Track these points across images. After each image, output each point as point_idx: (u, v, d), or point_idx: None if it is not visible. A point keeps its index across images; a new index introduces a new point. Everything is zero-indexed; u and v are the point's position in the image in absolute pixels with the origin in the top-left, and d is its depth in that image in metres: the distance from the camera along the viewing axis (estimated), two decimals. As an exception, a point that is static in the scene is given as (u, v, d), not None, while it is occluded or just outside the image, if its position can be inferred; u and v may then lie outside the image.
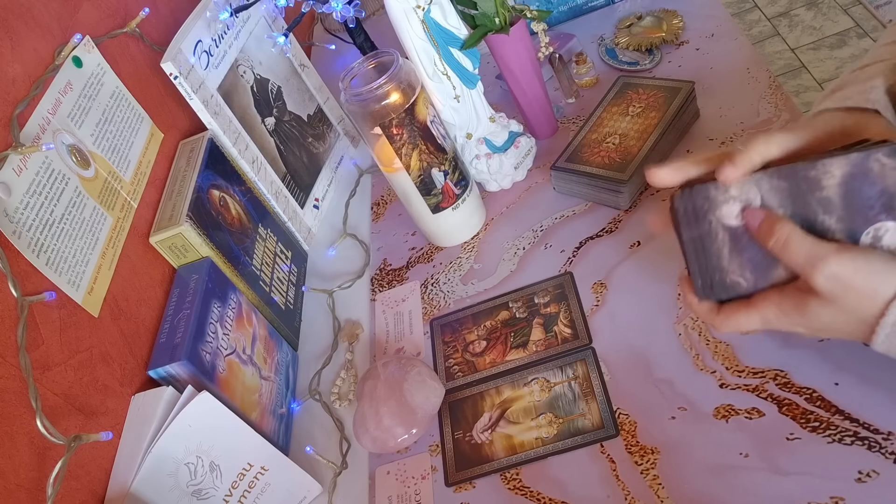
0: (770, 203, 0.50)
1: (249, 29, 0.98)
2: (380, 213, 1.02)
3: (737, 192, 0.50)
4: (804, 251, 0.47)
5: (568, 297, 0.78)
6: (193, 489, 0.65)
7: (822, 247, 0.47)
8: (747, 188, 0.50)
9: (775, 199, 0.49)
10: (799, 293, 0.49)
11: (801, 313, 0.49)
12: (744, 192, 0.50)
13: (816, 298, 0.48)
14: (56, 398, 0.61)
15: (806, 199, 0.49)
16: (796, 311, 0.49)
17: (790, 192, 0.49)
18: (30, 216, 0.64)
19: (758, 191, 0.50)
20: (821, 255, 0.47)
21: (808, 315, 0.49)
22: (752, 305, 0.52)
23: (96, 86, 0.78)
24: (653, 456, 0.62)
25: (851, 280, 0.46)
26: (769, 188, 0.49)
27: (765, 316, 0.51)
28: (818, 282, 0.47)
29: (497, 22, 0.86)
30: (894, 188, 0.47)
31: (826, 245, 0.47)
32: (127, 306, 0.73)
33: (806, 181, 0.48)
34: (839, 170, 0.48)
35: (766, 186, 0.49)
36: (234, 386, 0.72)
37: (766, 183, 0.49)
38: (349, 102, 0.79)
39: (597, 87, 1.01)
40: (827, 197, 0.48)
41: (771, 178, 0.49)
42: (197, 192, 0.81)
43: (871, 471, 0.54)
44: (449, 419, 0.74)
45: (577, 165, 0.85)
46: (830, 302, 0.47)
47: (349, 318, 0.90)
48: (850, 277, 0.46)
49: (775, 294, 0.50)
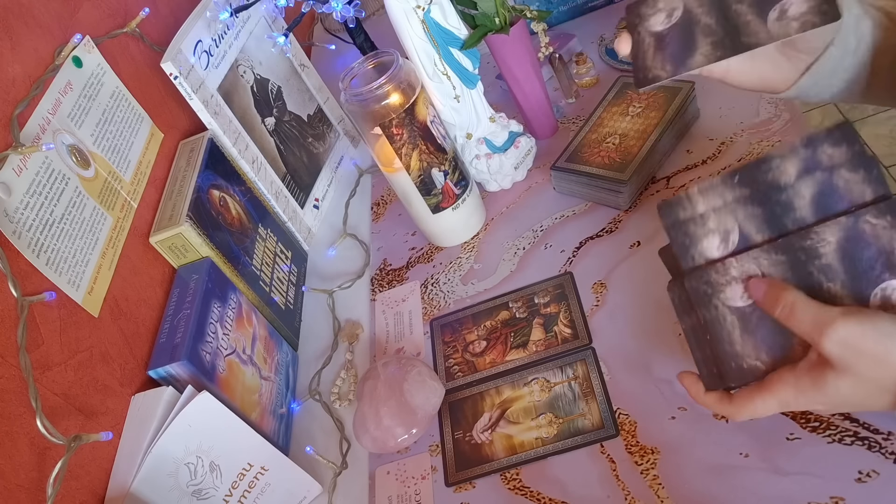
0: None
1: (249, 29, 0.98)
2: (380, 213, 1.02)
3: (737, 272, 0.49)
4: (810, 317, 0.46)
5: (568, 297, 0.78)
6: (193, 489, 0.65)
7: (827, 311, 0.45)
8: (747, 267, 0.49)
9: (777, 273, 0.49)
10: (813, 369, 0.47)
11: (818, 390, 0.47)
12: (744, 272, 0.49)
13: (832, 371, 0.45)
14: (56, 398, 0.61)
15: (807, 269, 0.48)
16: (814, 388, 0.47)
17: (790, 264, 0.49)
18: (30, 216, 0.64)
19: (758, 268, 0.49)
20: (827, 319, 0.45)
21: (826, 390, 0.46)
22: (767, 390, 0.49)
23: (96, 86, 0.78)
24: (653, 456, 0.62)
25: (861, 344, 0.44)
26: (769, 264, 0.49)
27: (782, 399, 0.49)
28: (827, 348, 0.45)
29: (497, 22, 0.86)
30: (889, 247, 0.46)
31: (831, 309, 0.45)
32: (127, 306, 0.73)
33: (803, 251, 0.48)
34: (833, 236, 0.47)
35: (765, 263, 0.49)
36: (234, 386, 0.72)
37: (765, 259, 0.49)
38: (349, 102, 0.79)
39: (597, 87, 1.01)
40: (827, 264, 0.48)
41: (768, 253, 0.49)
42: (197, 192, 0.81)
43: (871, 471, 0.54)
44: (449, 419, 0.74)
45: (577, 165, 0.85)
46: (845, 371, 0.45)
47: (349, 318, 0.90)
48: (859, 341, 0.44)
49: (789, 374, 0.48)
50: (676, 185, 0.82)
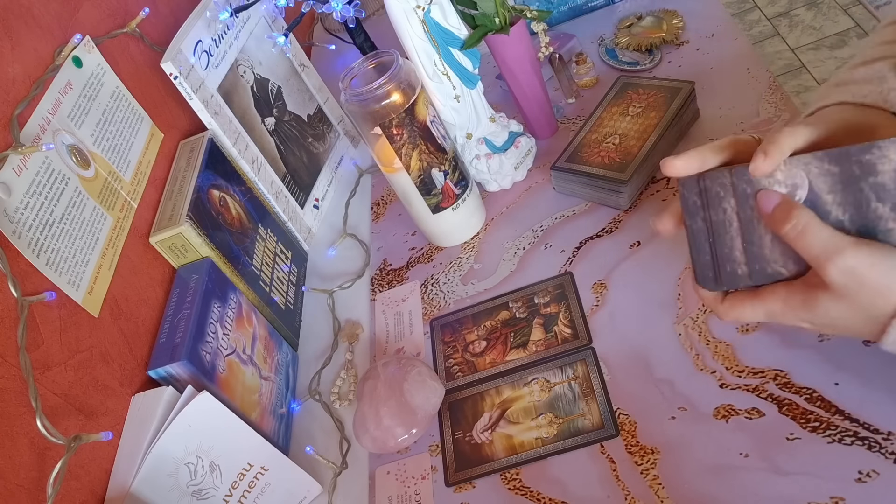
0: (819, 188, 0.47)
1: (249, 29, 0.98)
2: (380, 213, 1.02)
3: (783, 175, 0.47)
4: (820, 241, 0.45)
5: (568, 297, 0.78)
6: (193, 489, 0.65)
7: (839, 238, 0.45)
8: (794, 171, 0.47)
9: (825, 184, 0.46)
10: (808, 288, 0.47)
11: (808, 308, 0.48)
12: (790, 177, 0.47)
13: (826, 293, 0.46)
14: (56, 398, 0.61)
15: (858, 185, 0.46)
16: (804, 305, 0.48)
17: (841, 176, 0.46)
18: (30, 216, 0.64)
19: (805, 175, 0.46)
20: (838, 246, 0.45)
21: (816, 310, 0.47)
22: (758, 297, 0.50)
23: (96, 86, 0.78)
24: (653, 456, 0.62)
25: (867, 275, 0.44)
26: (818, 172, 0.46)
27: (770, 309, 0.50)
28: (831, 274, 0.45)
29: (497, 22, 0.86)
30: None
31: (844, 237, 0.45)
32: (127, 306, 0.73)
33: (859, 165, 0.45)
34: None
35: (814, 171, 0.46)
36: (234, 386, 0.72)
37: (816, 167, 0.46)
38: (349, 102, 0.79)
39: (597, 87, 1.01)
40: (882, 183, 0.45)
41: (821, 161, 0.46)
42: (197, 192, 0.81)
43: (871, 471, 0.54)
44: (449, 419, 0.74)
45: (577, 165, 0.85)
46: (842, 297, 0.45)
47: (349, 318, 0.90)
48: (866, 272, 0.44)
49: (782, 288, 0.49)
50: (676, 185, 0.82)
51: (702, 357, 0.66)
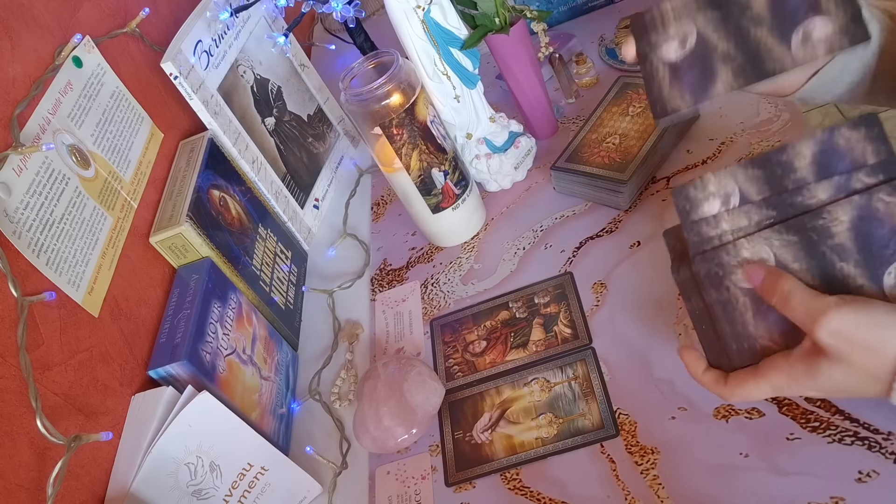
0: (784, 259, 0.49)
1: (249, 29, 0.98)
2: (380, 213, 1.02)
3: (749, 253, 0.49)
4: (804, 306, 0.46)
5: (568, 297, 0.78)
6: (193, 489, 0.65)
7: (821, 301, 0.45)
8: (759, 248, 0.49)
9: (789, 254, 0.48)
10: (807, 357, 0.47)
11: (811, 377, 0.47)
12: (756, 253, 0.49)
13: (825, 359, 0.46)
14: (56, 398, 0.61)
15: (819, 250, 0.48)
16: (807, 375, 0.47)
17: (802, 245, 0.48)
18: (30, 216, 0.64)
19: (769, 249, 0.48)
20: (821, 309, 0.45)
21: (819, 378, 0.47)
22: (761, 375, 0.50)
23: (96, 86, 0.78)
24: (653, 456, 0.62)
25: (854, 334, 0.44)
26: (780, 244, 0.48)
27: (775, 384, 0.49)
28: (821, 338, 0.45)
29: (497, 22, 0.86)
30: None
31: (826, 299, 0.45)
32: (127, 306, 0.73)
33: (815, 231, 0.47)
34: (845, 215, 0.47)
35: (776, 243, 0.48)
36: (234, 386, 0.72)
37: (777, 240, 0.48)
38: (349, 102, 0.79)
39: (597, 87, 1.01)
40: (840, 244, 0.47)
41: (780, 234, 0.48)
42: (197, 192, 0.81)
43: (871, 471, 0.54)
44: (449, 419, 0.74)
45: (577, 165, 0.85)
46: (838, 360, 0.45)
47: (349, 318, 0.90)
48: (853, 332, 0.44)
49: (783, 360, 0.49)
50: (676, 184, 0.82)
51: (702, 357, 0.66)
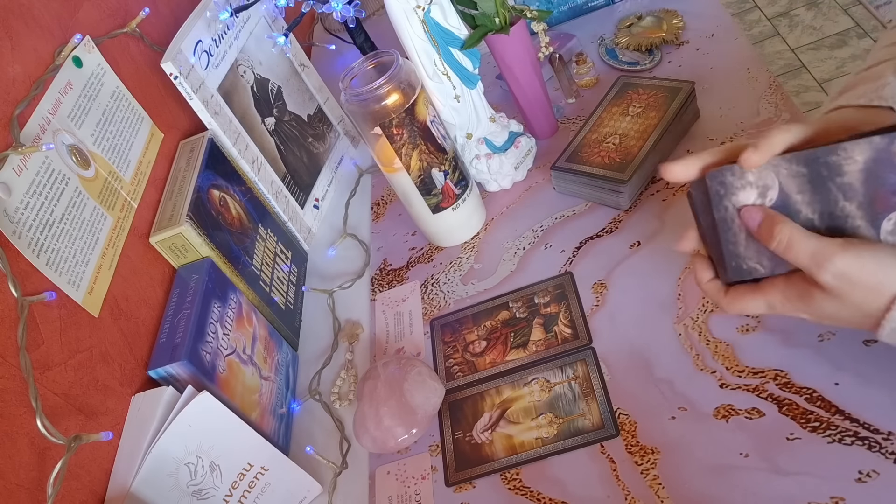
0: (788, 189, 0.49)
1: (249, 29, 0.98)
2: (380, 213, 1.02)
3: (754, 177, 0.49)
4: (808, 251, 0.47)
5: (568, 297, 0.78)
6: (193, 489, 0.65)
7: (826, 244, 0.47)
8: (765, 174, 0.49)
9: (794, 185, 0.48)
10: (805, 283, 0.49)
11: (804, 302, 0.49)
12: (761, 178, 0.49)
13: (821, 291, 0.47)
14: (56, 398, 0.61)
15: (826, 185, 0.47)
16: (800, 300, 0.49)
17: (809, 177, 0.48)
18: (30, 216, 0.64)
19: (775, 176, 0.48)
20: (826, 253, 0.46)
21: (812, 305, 0.49)
22: (759, 290, 0.52)
23: (96, 86, 0.78)
24: (653, 456, 0.62)
25: (858, 276, 0.46)
26: (787, 174, 0.48)
27: (770, 302, 0.51)
28: (825, 279, 0.46)
29: (497, 22, 0.86)
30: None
31: (830, 242, 0.47)
32: (127, 306, 0.73)
33: (826, 166, 0.47)
34: (861, 155, 0.46)
35: (784, 172, 0.48)
36: (234, 386, 0.72)
37: (785, 168, 0.48)
38: (349, 102, 0.79)
39: (597, 87, 1.01)
40: (848, 182, 0.47)
41: (790, 163, 0.48)
42: (197, 192, 0.81)
43: (871, 471, 0.54)
44: (449, 419, 0.74)
45: (578, 165, 0.85)
46: (836, 297, 0.47)
47: (349, 318, 0.90)
48: (857, 274, 0.46)
49: (782, 282, 0.50)
50: (676, 185, 0.82)
51: (702, 357, 0.66)
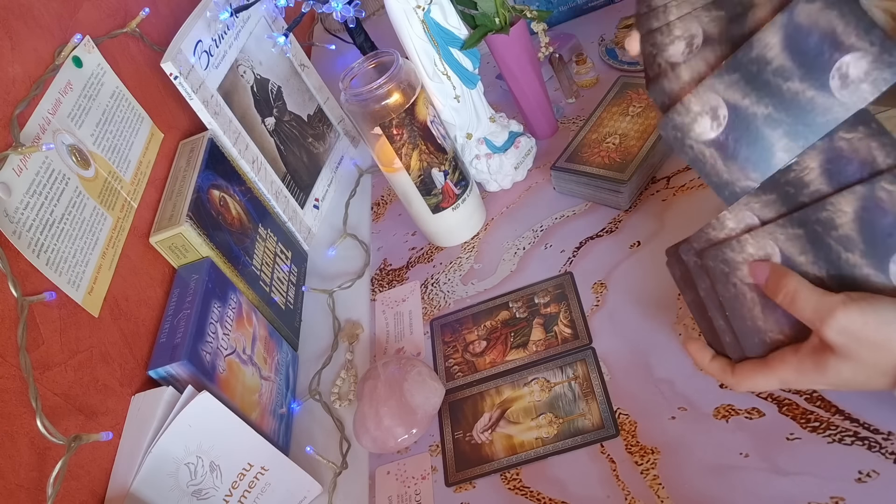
0: (790, 252, 0.49)
1: (249, 29, 0.98)
2: (380, 213, 1.02)
3: (754, 249, 0.49)
4: (811, 305, 0.46)
5: (568, 297, 0.78)
6: (193, 489, 0.65)
7: (828, 300, 0.46)
8: (763, 242, 0.49)
9: (795, 247, 0.48)
10: (816, 352, 0.48)
11: (820, 372, 0.48)
12: (762, 248, 0.49)
13: (833, 356, 0.46)
14: (56, 398, 0.61)
15: (825, 241, 0.47)
16: (815, 370, 0.48)
17: (807, 237, 0.48)
18: (30, 216, 0.64)
19: (774, 243, 0.48)
20: (828, 308, 0.45)
21: (828, 373, 0.47)
22: (769, 367, 0.50)
23: (96, 86, 0.78)
24: (653, 456, 0.62)
25: (862, 332, 0.44)
26: (785, 238, 0.48)
27: (783, 377, 0.50)
28: (829, 336, 0.45)
29: (497, 22, 0.86)
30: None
31: (832, 298, 0.46)
32: (127, 306, 0.73)
33: (819, 223, 0.47)
34: (849, 206, 0.46)
35: (781, 238, 0.48)
36: (234, 386, 0.72)
37: (781, 234, 0.48)
38: (349, 102, 0.79)
39: (597, 87, 1.01)
40: (845, 234, 0.47)
41: (784, 227, 0.48)
42: (197, 192, 0.81)
43: (871, 471, 0.54)
44: (449, 419, 0.74)
45: (578, 165, 0.85)
46: (847, 357, 0.45)
47: (349, 318, 0.90)
48: (860, 330, 0.44)
49: (791, 355, 0.49)
50: (676, 185, 0.82)
51: (702, 357, 0.66)
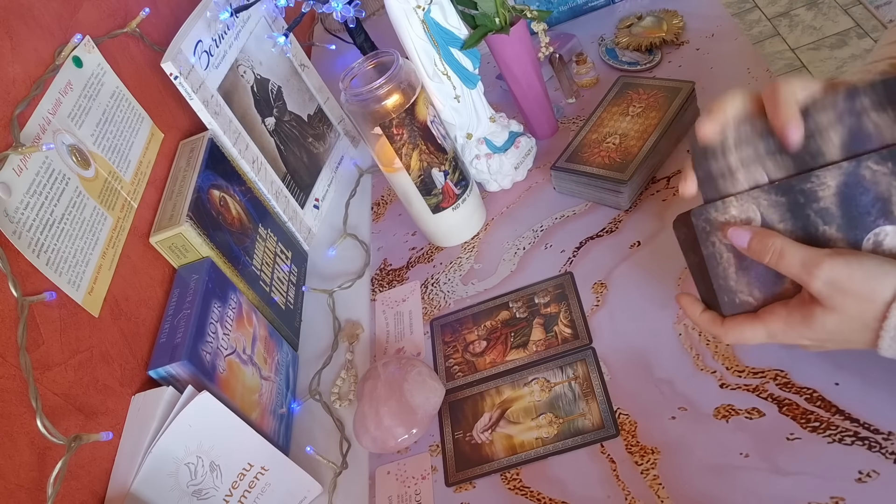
0: (770, 219, 0.50)
1: (249, 29, 0.98)
2: (380, 213, 1.02)
3: (736, 210, 0.50)
4: (798, 259, 0.48)
5: (568, 297, 0.78)
6: (194, 489, 0.65)
7: (815, 253, 0.47)
8: (746, 206, 0.50)
9: (775, 214, 0.50)
10: (803, 305, 0.49)
11: (806, 325, 0.49)
12: (744, 211, 0.50)
13: (820, 308, 0.48)
14: (56, 398, 0.61)
15: (805, 212, 0.49)
16: (802, 323, 0.49)
17: (788, 206, 0.49)
18: (30, 216, 0.64)
19: (756, 208, 0.50)
20: (815, 260, 0.47)
21: (814, 325, 0.49)
22: (759, 319, 0.52)
23: (96, 86, 0.78)
24: (653, 456, 0.62)
25: (848, 283, 0.46)
26: (768, 204, 0.50)
27: (770, 330, 0.51)
28: (816, 287, 0.47)
29: (497, 22, 0.86)
30: (887, 193, 0.47)
31: (819, 251, 0.47)
32: (127, 306, 0.73)
33: (802, 194, 0.49)
34: (833, 180, 0.48)
35: (764, 203, 0.50)
36: (234, 386, 0.72)
37: (765, 199, 0.50)
38: (349, 102, 0.79)
39: (597, 87, 1.01)
40: (825, 207, 0.49)
41: (768, 193, 0.50)
42: (197, 192, 0.81)
43: (871, 471, 0.54)
44: (449, 419, 0.74)
45: (578, 165, 0.85)
46: (832, 309, 0.47)
47: (349, 318, 0.90)
48: (846, 281, 0.46)
49: (781, 308, 0.51)
50: (676, 185, 0.82)
51: (702, 357, 0.66)
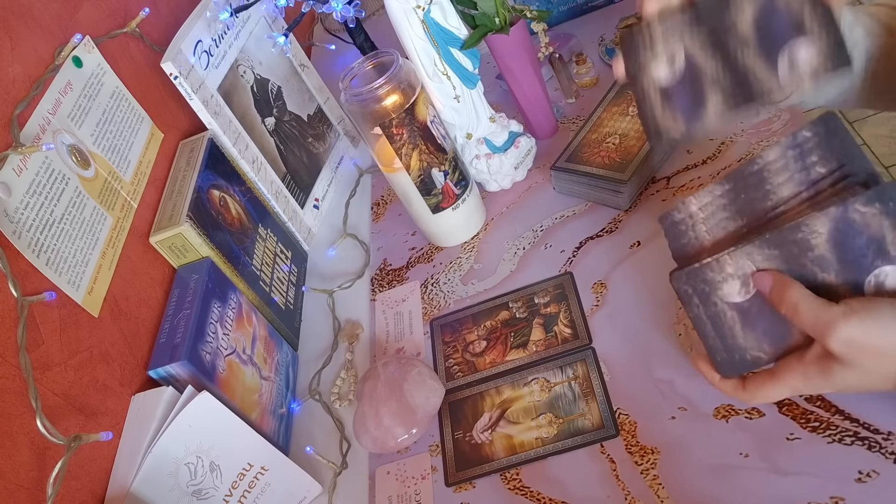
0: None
1: (249, 29, 0.98)
2: (380, 213, 1.02)
3: (732, 269, 0.50)
4: (813, 317, 0.47)
5: (568, 297, 0.78)
6: (193, 489, 0.65)
7: (829, 312, 0.46)
8: (741, 263, 0.50)
9: (772, 267, 0.49)
10: (820, 360, 0.48)
11: (825, 379, 0.49)
12: (740, 268, 0.50)
13: (838, 364, 0.47)
14: (56, 398, 0.61)
15: (801, 262, 0.49)
16: (821, 377, 0.49)
17: (784, 258, 0.49)
18: (30, 216, 0.64)
19: (752, 264, 0.50)
20: (829, 320, 0.46)
21: (834, 379, 0.48)
22: (777, 378, 0.51)
23: (96, 86, 0.78)
24: (653, 456, 0.62)
25: (864, 342, 0.45)
26: (762, 259, 0.49)
27: (791, 386, 0.51)
28: (832, 347, 0.46)
29: (497, 22, 0.86)
30: (880, 234, 0.47)
31: (833, 309, 0.46)
32: (127, 306, 0.73)
33: (795, 244, 0.48)
34: (823, 227, 0.47)
35: (758, 258, 0.50)
36: (234, 386, 0.72)
37: (758, 254, 0.50)
38: (349, 102, 0.79)
39: (597, 87, 1.01)
40: (820, 255, 0.48)
41: (762, 248, 0.49)
42: (197, 192, 0.81)
43: (871, 471, 0.54)
44: (449, 419, 0.74)
45: (577, 165, 0.85)
46: (851, 365, 0.46)
47: (349, 318, 0.90)
48: (863, 340, 0.45)
49: (797, 363, 0.50)
50: (676, 185, 0.82)
51: (702, 357, 0.66)
